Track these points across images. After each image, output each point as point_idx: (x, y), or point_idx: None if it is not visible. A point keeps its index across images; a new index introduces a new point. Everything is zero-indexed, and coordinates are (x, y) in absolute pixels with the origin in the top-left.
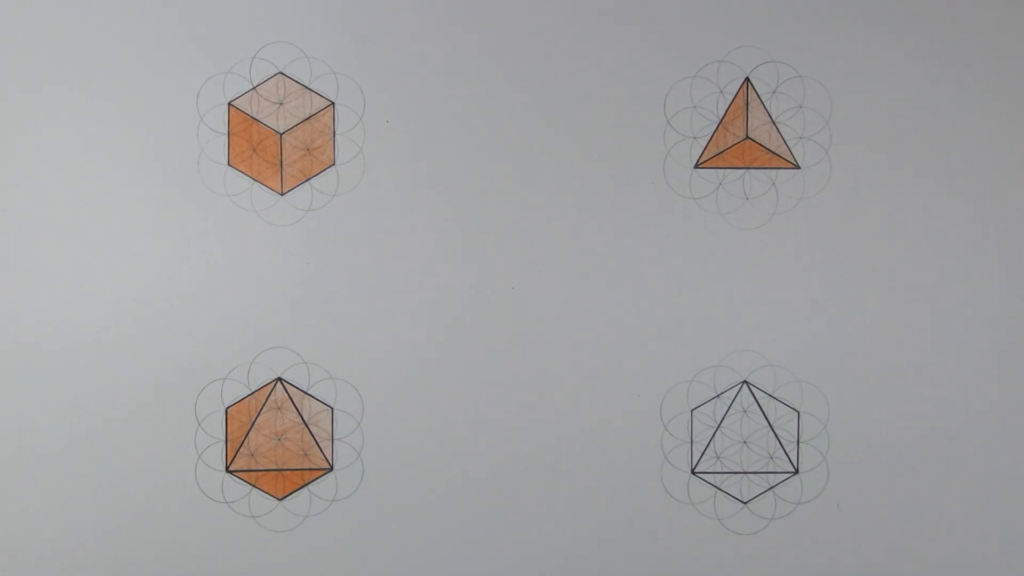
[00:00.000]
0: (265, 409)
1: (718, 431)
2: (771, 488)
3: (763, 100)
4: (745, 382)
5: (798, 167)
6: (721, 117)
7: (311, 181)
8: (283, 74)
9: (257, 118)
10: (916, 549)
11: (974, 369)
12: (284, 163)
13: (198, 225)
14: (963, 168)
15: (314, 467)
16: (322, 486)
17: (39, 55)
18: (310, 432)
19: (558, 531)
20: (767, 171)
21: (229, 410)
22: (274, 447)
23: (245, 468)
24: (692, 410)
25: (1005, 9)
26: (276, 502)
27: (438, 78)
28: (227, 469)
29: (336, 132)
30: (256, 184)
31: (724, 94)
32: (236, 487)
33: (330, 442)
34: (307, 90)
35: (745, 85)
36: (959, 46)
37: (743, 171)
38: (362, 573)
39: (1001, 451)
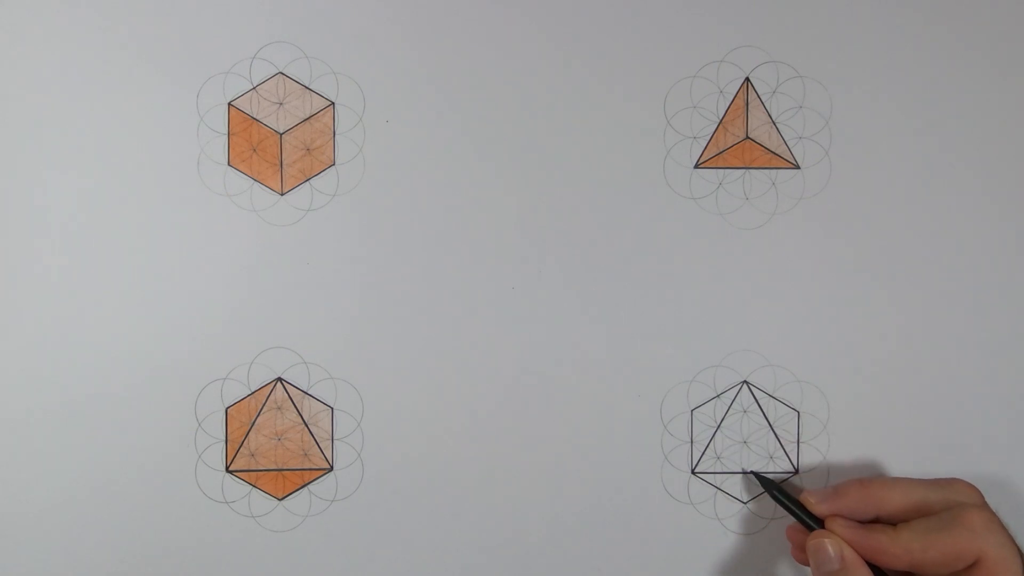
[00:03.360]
0: (265, 409)
1: (718, 431)
2: None
3: (763, 100)
4: (745, 382)
5: (798, 167)
6: (721, 117)
7: (311, 181)
8: (283, 74)
9: (257, 118)
10: None
11: (975, 369)
12: (284, 163)
13: (198, 225)
14: (964, 168)
15: (314, 467)
16: (322, 486)
17: (38, 55)
18: (310, 432)
19: (558, 531)
20: (767, 171)
21: (229, 410)
22: (274, 447)
23: (245, 468)
24: (692, 410)
25: (1006, 8)
26: (276, 502)
27: (438, 78)
28: (227, 469)
29: (336, 132)
30: (256, 184)
31: (724, 94)
32: (236, 487)
33: (330, 442)
34: (307, 90)
35: (745, 85)
36: (960, 45)
37: (743, 171)
38: (362, 573)
39: (1002, 452)
